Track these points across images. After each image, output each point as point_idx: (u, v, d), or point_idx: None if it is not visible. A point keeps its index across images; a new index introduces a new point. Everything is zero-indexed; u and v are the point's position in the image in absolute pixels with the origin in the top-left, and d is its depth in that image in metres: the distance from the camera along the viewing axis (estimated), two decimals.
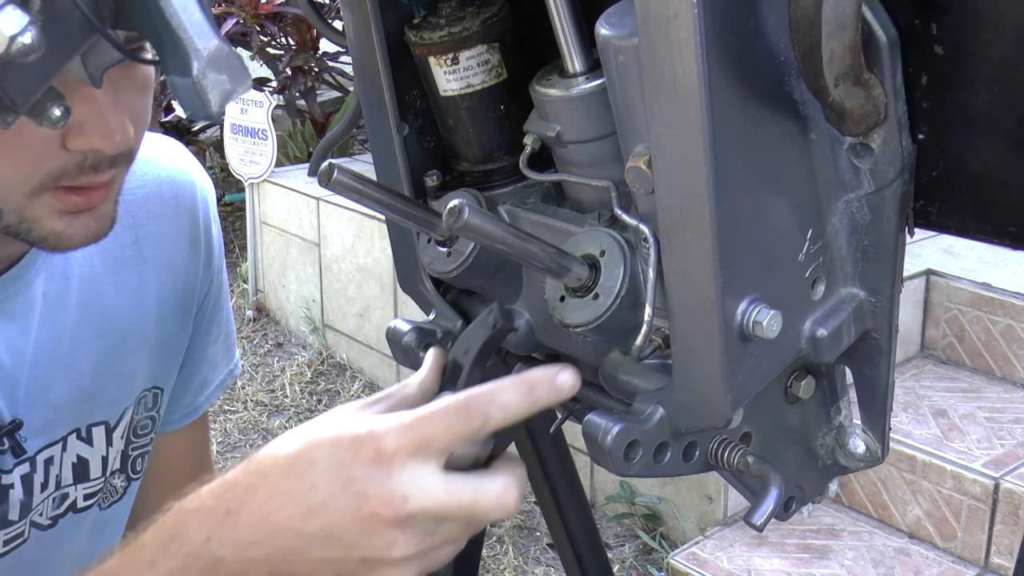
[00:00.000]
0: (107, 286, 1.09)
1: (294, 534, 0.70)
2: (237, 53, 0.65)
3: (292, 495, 0.70)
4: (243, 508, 0.71)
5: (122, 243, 1.09)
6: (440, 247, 0.86)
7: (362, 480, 0.68)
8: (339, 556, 0.70)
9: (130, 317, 1.10)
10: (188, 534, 0.72)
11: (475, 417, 0.69)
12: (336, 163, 0.71)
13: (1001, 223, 0.69)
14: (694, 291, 0.67)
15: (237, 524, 0.71)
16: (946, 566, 2.70)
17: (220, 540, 0.71)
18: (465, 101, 0.82)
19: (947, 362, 3.25)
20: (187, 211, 1.16)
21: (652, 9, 0.61)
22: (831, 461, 0.84)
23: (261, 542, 0.71)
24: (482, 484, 0.70)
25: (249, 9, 4.65)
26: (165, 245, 1.14)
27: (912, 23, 0.67)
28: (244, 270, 4.60)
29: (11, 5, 0.57)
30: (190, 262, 1.16)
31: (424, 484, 0.68)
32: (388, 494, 0.68)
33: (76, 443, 1.07)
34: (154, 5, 0.63)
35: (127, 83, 0.87)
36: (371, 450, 0.68)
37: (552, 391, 0.70)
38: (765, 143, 0.67)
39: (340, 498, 0.69)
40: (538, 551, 3.11)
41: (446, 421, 0.69)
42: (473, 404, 0.69)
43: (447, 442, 0.69)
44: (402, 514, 0.68)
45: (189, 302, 1.17)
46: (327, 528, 0.69)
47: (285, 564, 0.71)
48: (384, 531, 0.69)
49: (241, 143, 4.38)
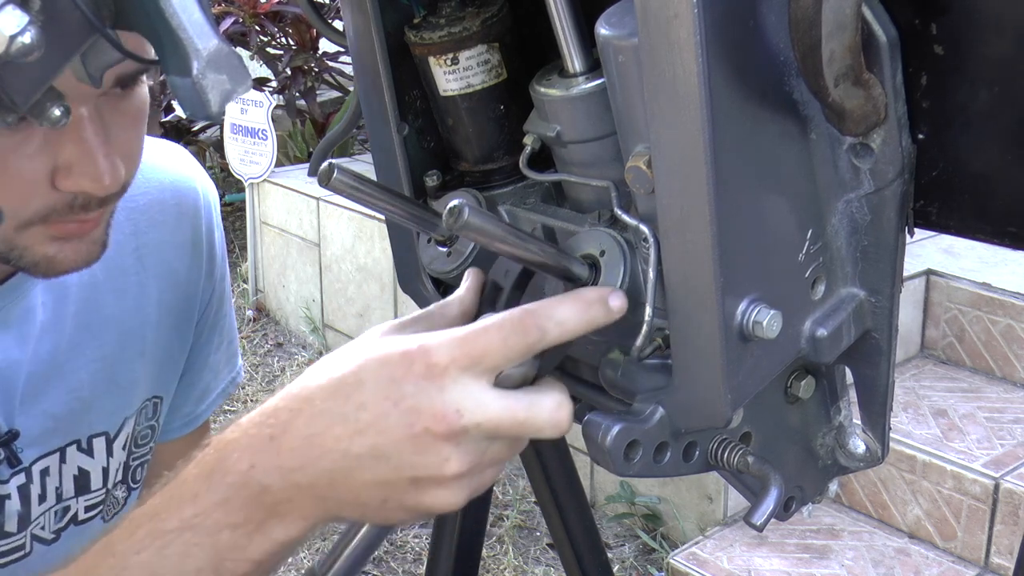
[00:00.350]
0: (106, 295, 1.08)
1: (341, 455, 0.67)
2: (237, 53, 0.65)
3: (339, 415, 0.67)
4: (287, 433, 0.69)
5: (123, 251, 1.08)
6: (440, 247, 0.86)
7: (414, 396, 0.66)
8: (389, 477, 0.67)
9: (129, 325, 1.09)
10: (230, 464, 0.70)
11: (531, 332, 0.67)
12: (336, 163, 0.71)
13: (1001, 223, 0.69)
14: (694, 291, 0.67)
15: (281, 449, 0.69)
16: (946, 566, 2.70)
17: (263, 468, 0.69)
18: (465, 101, 0.82)
19: (947, 362, 3.25)
20: (189, 218, 1.14)
21: (652, 9, 0.61)
22: (831, 461, 0.84)
23: (306, 466, 0.68)
24: (536, 399, 0.68)
25: (248, 8, 4.65)
26: (166, 253, 1.12)
27: (912, 23, 0.67)
28: (244, 270, 4.61)
29: (11, 5, 0.57)
30: (191, 270, 1.15)
31: (478, 399, 0.66)
32: (441, 408, 0.66)
33: (76, 455, 1.06)
34: (154, 5, 0.63)
35: (118, 117, 0.86)
36: (423, 365, 0.66)
37: (606, 311, 0.70)
38: (765, 143, 0.67)
39: (391, 415, 0.66)
40: (538, 551, 3.11)
41: (501, 335, 0.67)
42: (529, 319, 0.68)
43: (501, 357, 0.67)
44: (456, 428, 0.66)
45: (190, 310, 1.16)
46: (377, 447, 0.67)
47: (331, 489, 0.69)
48: (437, 447, 0.66)
49: (241, 143, 4.38)
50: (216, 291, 1.19)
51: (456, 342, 0.67)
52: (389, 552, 3.17)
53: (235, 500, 0.70)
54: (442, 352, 0.67)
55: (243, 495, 0.69)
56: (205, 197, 1.17)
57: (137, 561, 0.71)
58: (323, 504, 0.70)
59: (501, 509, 3.27)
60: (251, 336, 4.36)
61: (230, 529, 0.70)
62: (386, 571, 3.11)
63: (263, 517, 0.70)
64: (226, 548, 0.70)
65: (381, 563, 3.13)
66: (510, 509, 3.26)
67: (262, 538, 0.70)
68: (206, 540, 0.70)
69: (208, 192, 1.18)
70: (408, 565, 3.12)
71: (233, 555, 0.71)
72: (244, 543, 0.70)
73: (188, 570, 0.71)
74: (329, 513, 0.70)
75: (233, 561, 0.71)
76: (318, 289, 4.25)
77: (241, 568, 0.71)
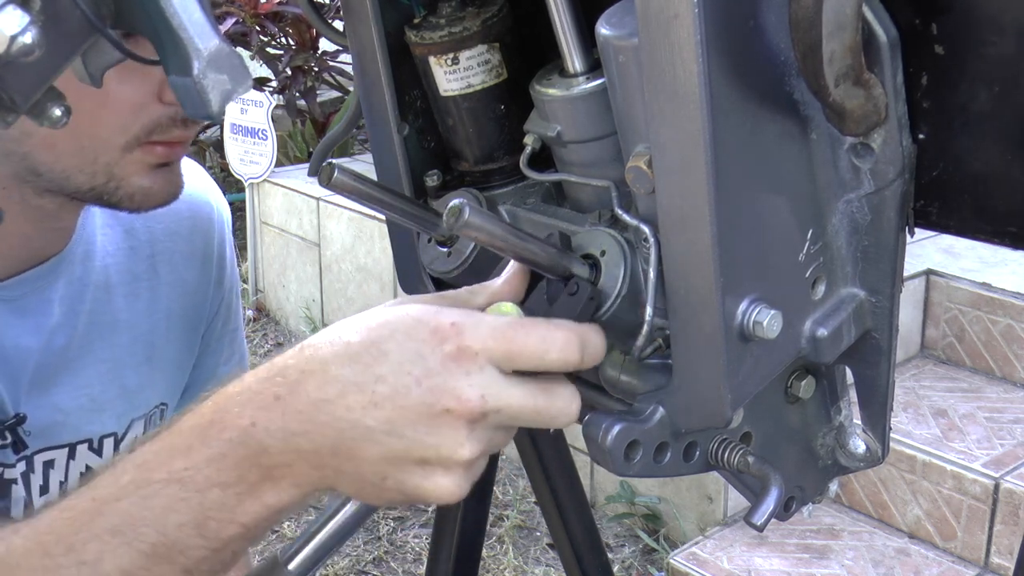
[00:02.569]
0: (119, 298, 1.10)
1: (351, 425, 0.64)
2: (237, 53, 0.65)
3: (354, 384, 0.64)
4: (294, 394, 0.65)
5: (138, 256, 1.11)
6: (440, 247, 0.86)
7: (439, 375, 0.64)
8: (397, 454, 0.65)
9: (138, 330, 1.11)
10: (229, 419, 0.66)
11: (572, 353, 0.67)
12: (336, 163, 0.71)
13: (1001, 223, 0.69)
14: (694, 291, 0.67)
15: (286, 410, 0.65)
16: (946, 566, 2.70)
17: (265, 427, 0.65)
18: (465, 101, 0.82)
19: (947, 362, 3.25)
20: (202, 232, 1.18)
21: (652, 9, 0.61)
22: (831, 461, 0.84)
23: (311, 432, 0.65)
24: (553, 389, 0.68)
25: (248, 8, 4.65)
26: (178, 262, 1.15)
27: (912, 23, 0.67)
28: (244, 270, 4.61)
29: (11, 5, 0.57)
30: (201, 281, 1.17)
31: (501, 384, 0.65)
32: (467, 391, 0.64)
33: (87, 454, 1.07)
34: (154, 5, 0.63)
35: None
36: (455, 345, 0.65)
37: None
38: (765, 143, 0.67)
39: (412, 391, 0.64)
40: (538, 551, 3.11)
41: (542, 346, 0.66)
42: (576, 339, 0.67)
43: (534, 364, 0.66)
44: (477, 413, 0.64)
45: (197, 320, 1.18)
46: (392, 421, 0.64)
47: (334, 459, 0.66)
48: (455, 430, 0.64)
49: (241, 143, 4.38)
50: (224, 302, 1.21)
51: (495, 333, 0.65)
52: (389, 552, 3.17)
53: (230, 457, 0.66)
54: (477, 337, 0.65)
55: (239, 453, 0.66)
56: (219, 213, 1.20)
57: (117, 508, 0.68)
58: (320, 472, 0.67)
59: (501, 509, 3.27)
60: (251, 336, 4.36)
61: (220, 488, 0.66)
62: (386, 571, 3.12)
63: (257, 479, 0.67)
64: (213, 507, 0.67)
65: (381, 563, 3.13)
66: (510, 509, 3.26)
67: (252, 501, 0.67)
68: (193, 496, 0.67)
69: (222, 208, 1.21)
70: (408, 565, 3.12)
71: (220, 515, 0.67)
72: (233, 503, 0.67)
73: (169, 524, 0.67)
74: (324, 483, 0.67)
75: (218, 521, 0.67)
76: (318, 289, 4.25)
77: (226, 530, 0.68)
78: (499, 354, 0.65)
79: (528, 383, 0.67)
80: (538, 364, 0.66)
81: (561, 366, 0.67)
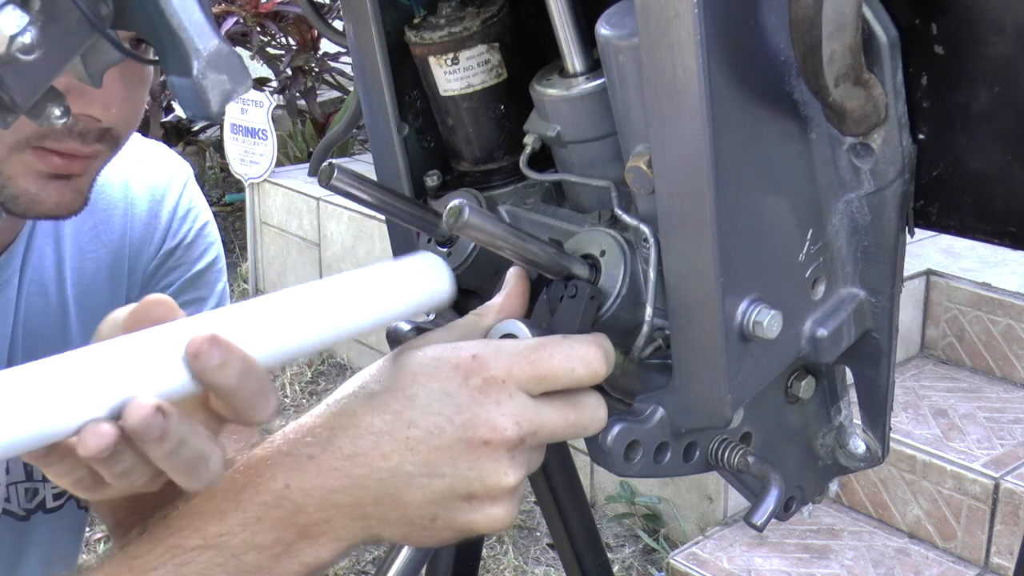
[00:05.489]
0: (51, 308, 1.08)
1: (390, 474, 0.65)
2: (237, 53, 0.65)
3: (387, 433, 0.65)
4: (327, 451, 0.65)
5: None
6: (440, 247, 0.86)
7: (471, 409, 0.64)
8: (442, 493, 0.65)
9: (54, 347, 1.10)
10: (263, 483, 0.66)
11: (599, 367, 0.67)
12: (336, 163, 0.71)
13: (1001, 223, 0.69)
14: (694, 291, 0.67)
15: (321, 469, 0.65)
16: (946, 566, 2.70)
17: (300, 487, 0.65)
18: (465, 101, 0.82)
19: (947, 362, 3.25)
20: (108, 238, 1.11)
21: (652, 9, 0.61)
22: (831, 461, 0.84)
23: (350, 487, 0.65)
24: (580, 400, 0.68)
25: (249, 8, 4.65)
26: (88, 283, 1.11)
27: (912, 23, 0.67)
28: (244, 270, 4.61)
29: (11, 5, 0.57)
30: (114, 295, 1.12)
31: (532, 408, 0.66)
32: (501, 421, 0.64)
33: None
34: (154, 5, 0.63)
35: (131, 71, 0.88)
36: (480, 379, 0.65)
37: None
38: (765, 143, 0.67)
39: (445, 430, 0.64)
40: (538, 551, 3.11)
41: (568, 364, 0.66)
42: (599, 350, 0.67)
43: (563, 384, 0.66)
44: (514, 439, 0.65)
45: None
46: (431, 463, 0.65)
47: (377, 508, 0.66)
48: (496, 460, 0.65)
49: (241, 143, 4.38)
50: (173, 259, 1.16)
51: (518, 359, 0.66)
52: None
53: (266, 520, 0.66)
54: (501, 366, 0.65)
55: (275, 515, 0.66)
56: (131, 199, 1.14)
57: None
58: (364, 523, 0.67)
59: None
60: None
61: (256, 551, 0.66)
62: None
63: (293, 538, 0.66)
64: (250, 570, 0.66)
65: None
66: None
67: (290, 560, 0.66)
68: (230, 561, 0.66)
69: (139, 189, 1.14)
70: None
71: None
72: (270, 565, 0.66)
73: None
74: (369, 533, 0.67)
75: None
76: None
77: None
78: (526, 379, 0.66)
79: (556, 401, 0.67)
80: (567, 383, 0.67)
81: (590, 380, 0.68)
